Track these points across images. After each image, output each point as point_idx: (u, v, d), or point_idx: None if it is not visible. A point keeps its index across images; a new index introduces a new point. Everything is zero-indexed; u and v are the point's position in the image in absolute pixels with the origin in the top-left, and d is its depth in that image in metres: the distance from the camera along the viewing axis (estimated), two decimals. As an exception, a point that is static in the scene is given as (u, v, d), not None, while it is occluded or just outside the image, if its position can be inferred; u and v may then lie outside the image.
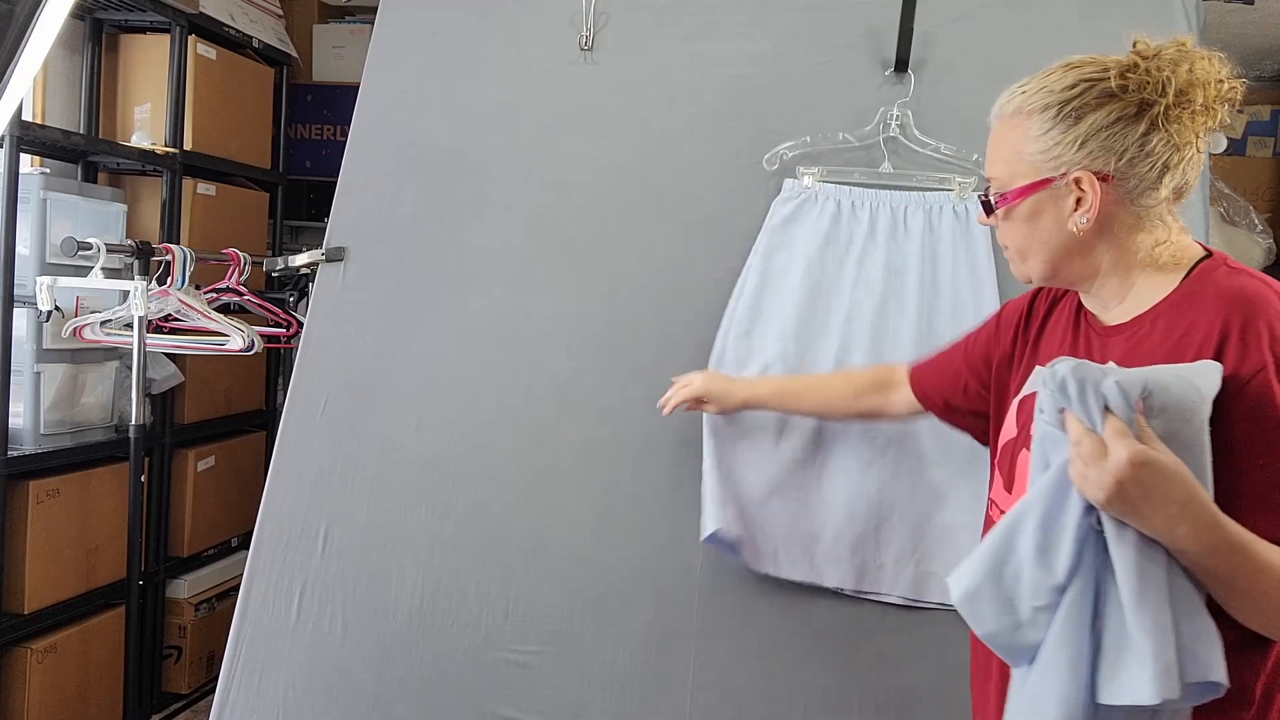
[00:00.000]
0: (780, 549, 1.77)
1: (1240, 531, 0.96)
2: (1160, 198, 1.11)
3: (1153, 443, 0.93)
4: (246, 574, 1.90)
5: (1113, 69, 1.11)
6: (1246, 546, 0.96)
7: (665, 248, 1.93)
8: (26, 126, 2.45)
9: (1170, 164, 1.10)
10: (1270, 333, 1.01)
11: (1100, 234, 1.14)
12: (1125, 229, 1.13)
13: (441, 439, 1.92)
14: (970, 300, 1.79)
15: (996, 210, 1.19)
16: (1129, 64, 1.11)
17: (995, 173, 1.20)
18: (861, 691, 1.76)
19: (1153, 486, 0.93)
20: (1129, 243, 1.13)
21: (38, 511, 2.49)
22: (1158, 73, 1.09)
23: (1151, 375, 0.96)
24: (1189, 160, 1.11)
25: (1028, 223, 1.17)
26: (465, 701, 1.82)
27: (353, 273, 2.00)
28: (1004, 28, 1.92)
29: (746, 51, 1.97)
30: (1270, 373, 1.00)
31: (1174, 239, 1.13)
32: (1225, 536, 0.95)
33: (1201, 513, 0.94)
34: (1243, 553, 0.95)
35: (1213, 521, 0.95)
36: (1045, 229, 1.16)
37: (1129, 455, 0.92)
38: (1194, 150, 1.11)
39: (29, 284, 2.44)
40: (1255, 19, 3.19)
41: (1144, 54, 1.11)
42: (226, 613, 2.93)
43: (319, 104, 3.77)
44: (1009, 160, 1.18)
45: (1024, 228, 1.17)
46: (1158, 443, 0.94)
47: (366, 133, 2.05)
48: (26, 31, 1.22)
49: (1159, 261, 1.13)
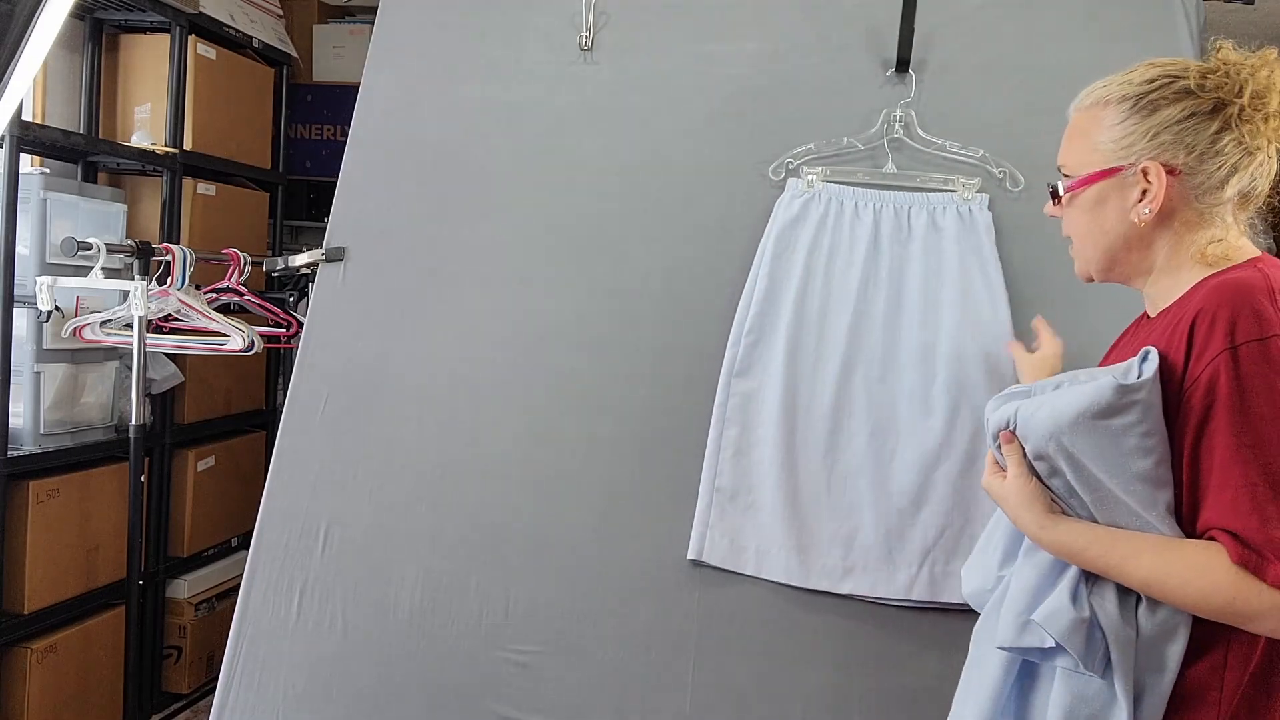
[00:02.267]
0: (788, 556, 1.77)
1: (1079, 534, 1.10)
2: (1224, 198, 1.12)
3: (1011, 468, 1.15)
4: (246, 574, 1.90)
5: (1193, 69, 1.14)
6: (1085, 551, 1.09)
7: (666, 247, 1.93)
8: (26, 126, 2.45)
9: (1239, 166, 1.11)
10: (1234, 321, 1.03)
11: (1160, 228, 1.15)
12: (1185, 226, 1.14)
13: (441, 439, 1.91)
14: (974, 302, 1.79)
15: (1063, 196, 1.21)
16: (1210, 66, 1.14)
17: (1066, 162, 1.22)
18: (862, 691, 1.76)
19: (1001, 505, 1.19)
20: (1186, 239, 1.15)
21: (38, 511, 2.49)
22: (1236, 75, 1.12)
23: (1028, 404, 1.13)
24: (1259, 165, 1.12)
25: (1091, 211, 1.19)
26: (465, 701, 1.82)
27: (353, 273, 2.00)
28: (1004, 28, 1.92)
29: (747, 52, 1.97)
30: (1224, 357, 1.02)
31: (1230, 239, 1.14)
32: (1055, 541, 1.12)
33: (1027, 526, 1.14)
34: (1083, 556, 1.10)
35: (1035, 534, 1.13)
36: (1108, 218, 1.17)
37: (983, 483, 1.21)
38: (1265, 156, 1.12)
39: (29, 284, 2.44)
40: (1255, 19, 3.19)
41: (1226, 59, 1.14)
42: (226, 613, 2.93)
43: (319, 104, 3.77)
44: (1081, 150, 1.20)
45: (1087, 216, 1.19)
46: (1013, 469, 1.14)
47: (366, 133, 2.05)
48: (26, 31, 1.22)
49: (1209, 259, 1.14)
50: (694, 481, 1.82)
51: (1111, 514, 1.09)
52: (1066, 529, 1.11)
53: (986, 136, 1.86)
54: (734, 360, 1.84)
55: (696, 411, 1.84)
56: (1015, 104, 1.87)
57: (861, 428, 1.78)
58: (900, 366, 1.79)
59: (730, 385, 1.83)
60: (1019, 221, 1.83)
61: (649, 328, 1.90)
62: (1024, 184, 1.84)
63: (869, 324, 1.81)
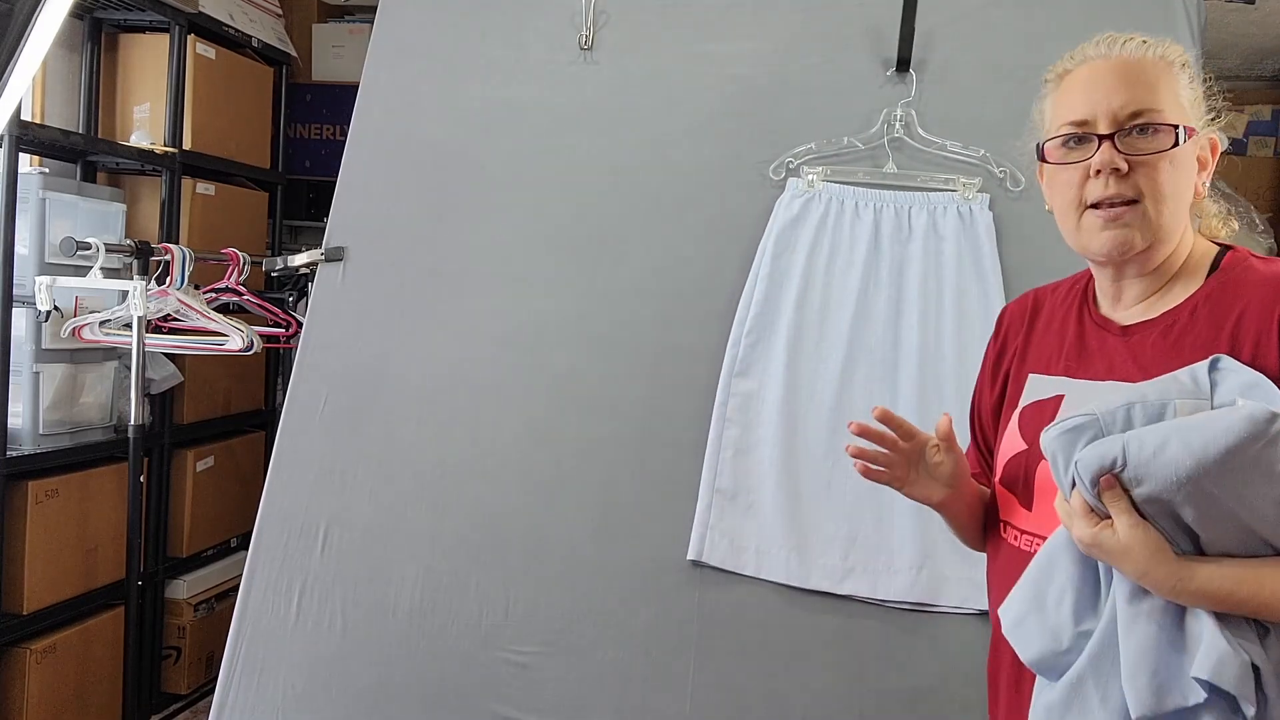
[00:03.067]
0: (788, 556, 1.77)
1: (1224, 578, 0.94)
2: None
3: (1120, 516, 0.94)
4: (246, 573, 1.89)
5: None
6: (1235, 593, 0.94)
7: (665, 247, 1.93)
8: (25, 126, 2.45)
9: None
10: None
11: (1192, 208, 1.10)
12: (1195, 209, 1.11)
13: (441, 439, 1.91)
14: (974, 301, 1.79)
15: (1183, 142, 1.06)
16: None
17: (1154, 104, 1.06)
18: (862, 691, 1.76)
19: (1108, 559, 0.97)
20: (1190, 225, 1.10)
21: (37, 512, 2.49)
22: None
23: (1138, 438, 0.94)
24: None
25: (1184, 169, 1.07)
26: (465, 701, 1.82)
27: (352, 273, 2.00)
28: (1004, 28, 1.92)
29: (747, 51, 1.97)
30: None
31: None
32: (1198, 590, 0.94)
33: (1161, 581, 0.94)
34: (1232, 599, 0.94)
35: (1171, 587, 0.94)
36: (1185, 180, 1.08)
37: (1078, 537, 0.97)
38: None
39: (28, 284, 2.44)
40: (1255, 19, 3.19)
41: None
42: (226, 613, 2.93)
43: (318, 104, 3.77)
44: (1169, 100, 1.07)
45: (1179, 173, 1.07)
46: (1124, 517, 0.94)
47: (366, 132, 2.05)
48: (26, 31, 1.22)
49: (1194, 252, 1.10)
50: (694, 482, 1.82)
51: (1225, 545, 0.96)
52: (1208, 575, 0.94)
53: (987, 136, 1.86)
54: (734, 360, 1.83)
55: (696, 411, 1.84)
56: (1016, 104, 1.85)
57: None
58: (900, 366, 1.79)
59: (730, 385, 1.83)
60: (1020, 221, 1.83)
61: (649, 328, 1.90)
62: (1024, 184, 1.84)
63: (869, 324, 1.81)
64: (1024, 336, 1.22)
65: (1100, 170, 1.06)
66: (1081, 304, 1.18)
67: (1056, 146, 1.11)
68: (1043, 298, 1.24)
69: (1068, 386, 1.13)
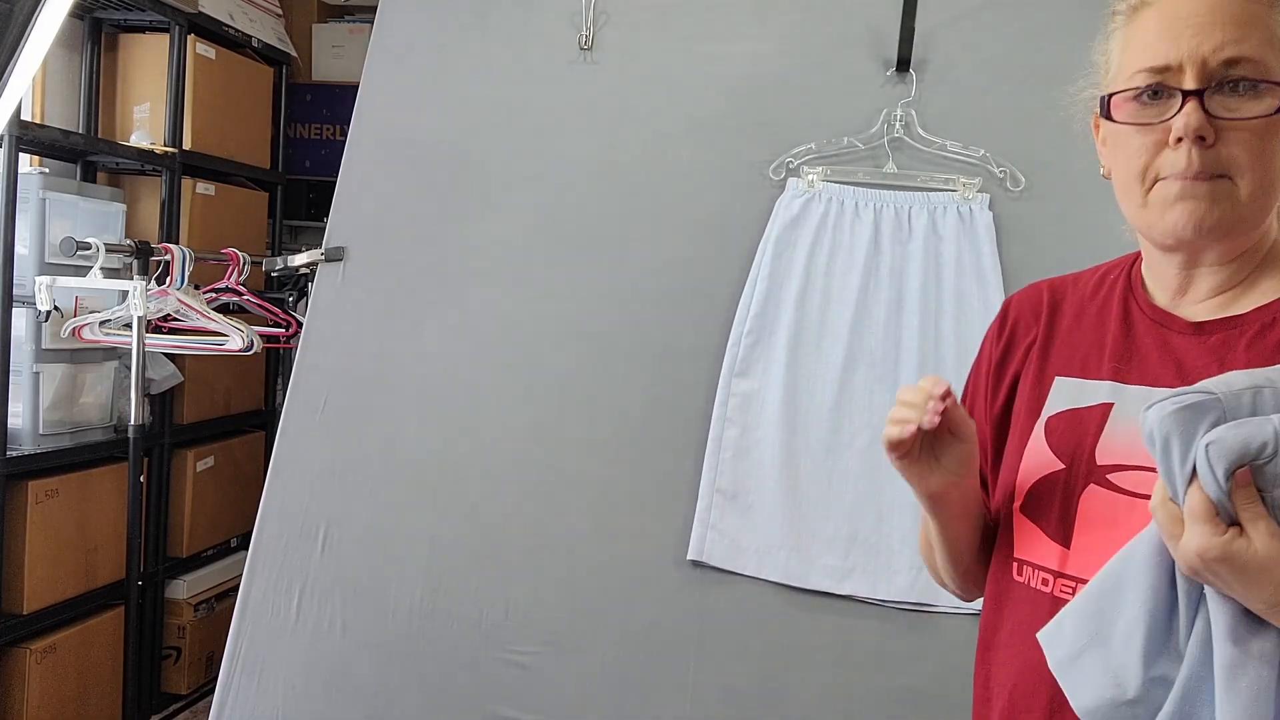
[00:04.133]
0: (788, 556, 1.77)
1: None
2: None
3: (1257, 522, 0.72)
4: (246, 574, 1.89)
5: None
6: None
7: (665, 247, 1.93)
8: (25, 126, 2.45)
9: None
10: None
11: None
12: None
13: (441, 439, 1.91)
14: (974, 301, 1.79)
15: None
16: None
17: (1257, 53, 0.84)
18: (861, 691, 1.75)
19: (1232, 580, 0.73)
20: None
21: (37, 511, 2.49)
22: None
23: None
24: None
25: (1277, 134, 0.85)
26: (465, 701, 1.82)
27: (352, 272, 2.00)
28: (1004, 27, 1.91)
29: (747, 51, 1.97)
30: None
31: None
32: None
33: None
34: None
35: None
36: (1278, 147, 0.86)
37: (1197, 549, 0.72)
38: None
39: (28, 284, 2.44)
40: None
41: None
42: (226, 613, 2.93)
43: (318, 103, 3.77)
44: (1271, 53, 0.85)
45: (1275, 144, 0.85)
46: (1261, 523, 0.72)
47: (366, 132, 2.05)
48: (26, 31, 1.22)
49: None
50: (694, 481, 1.82)
51: None
52: None
53: (987, 136, 1.86)
54: (734, 360, 1.84)
55: (696, 411, 1.84)
56: (1016, 104, 1.87)
57: (862, 428, 1.78)
58: (900, 366, 1.79)
59: (730, 385, 1.83)
60: (1020, 221, 1.83)
61: (649, 328, 1.90)
62: (1024, 184, 1.84)
63: (869, 324, 1.81)
64: (1043, 333, 1.02)
65: (1182, 138, 0.84)
66: (1125, 297, 0.97)
67: (1127, 100, 0.88)
68: (1061, 290, 1.04)
69: (1117, 393, 0.93)
